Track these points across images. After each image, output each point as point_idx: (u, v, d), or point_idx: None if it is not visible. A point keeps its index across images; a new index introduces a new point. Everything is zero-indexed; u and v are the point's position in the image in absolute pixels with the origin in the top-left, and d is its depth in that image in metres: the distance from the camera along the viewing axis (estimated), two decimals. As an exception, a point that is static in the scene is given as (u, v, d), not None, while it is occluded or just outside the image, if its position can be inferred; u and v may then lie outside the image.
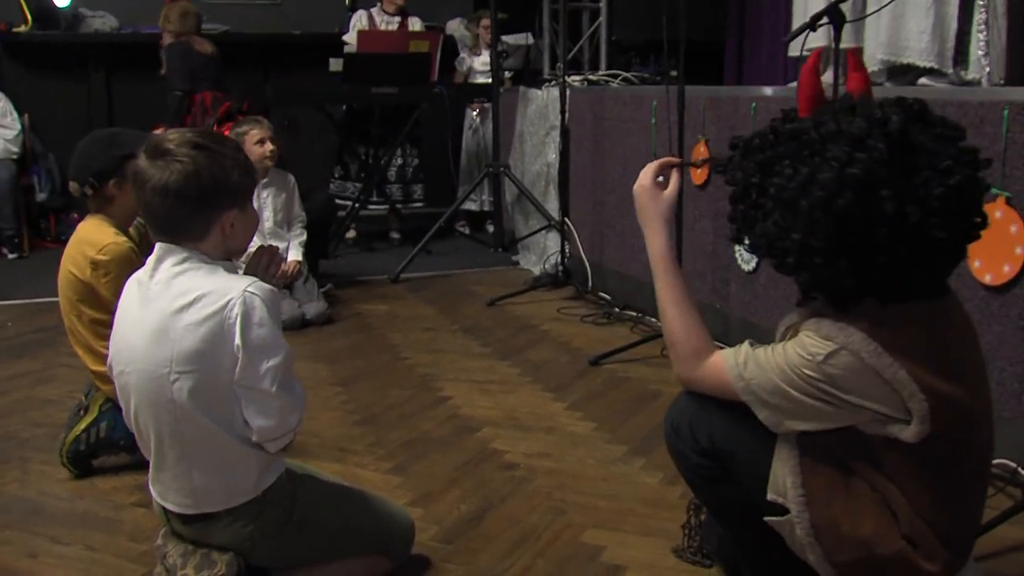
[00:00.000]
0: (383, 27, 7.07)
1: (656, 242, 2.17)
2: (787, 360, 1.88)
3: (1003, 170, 3.05)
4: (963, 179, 1.75)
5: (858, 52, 2.21)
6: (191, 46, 6.65)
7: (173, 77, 6.62)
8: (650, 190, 2.19)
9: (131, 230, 3.16)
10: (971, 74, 4.20)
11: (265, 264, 2.21)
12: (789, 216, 1.81)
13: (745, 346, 2.01)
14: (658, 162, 2.23)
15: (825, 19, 3.22)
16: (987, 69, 4.09)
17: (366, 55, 6.48)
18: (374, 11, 7.19)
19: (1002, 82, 4.05)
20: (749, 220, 1.93)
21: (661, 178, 2.22)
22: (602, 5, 6.67)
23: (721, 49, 7.81)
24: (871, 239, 1.76)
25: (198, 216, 2.05)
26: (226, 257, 2.14)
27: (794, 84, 5.24)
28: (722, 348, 2.09)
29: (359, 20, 7.15)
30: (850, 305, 1.86)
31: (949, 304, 1.91)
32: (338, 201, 7.00)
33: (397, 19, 7.16)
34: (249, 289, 2.04)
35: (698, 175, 4.45)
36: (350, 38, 7.08)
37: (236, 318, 2.01)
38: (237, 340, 2.01)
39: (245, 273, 2.16)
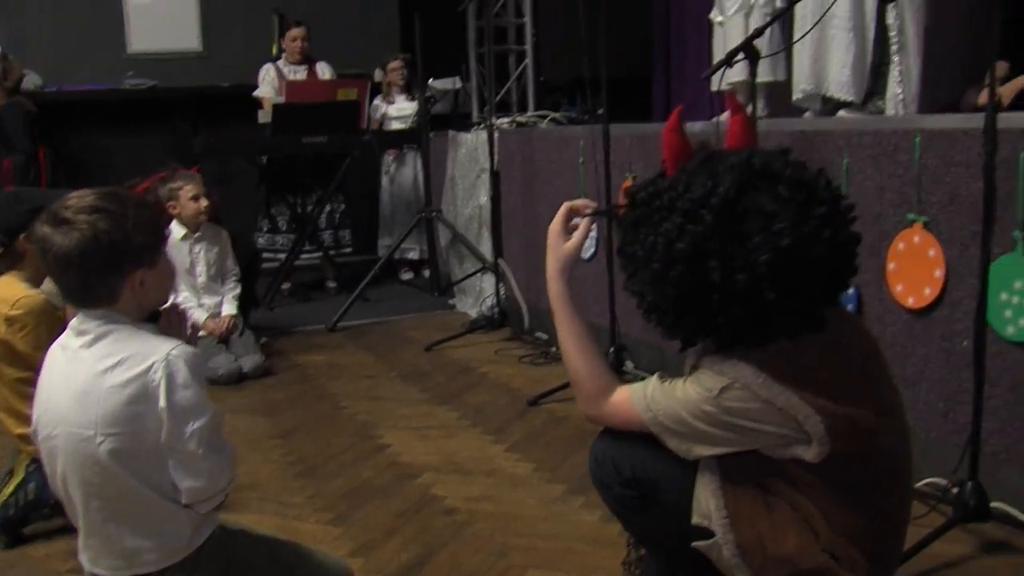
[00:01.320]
0: (291, 77, 7.08)
1: (554, 287, 2.24)
2: (686, 395, 1.96)
3: (918, 195, 3.15)
4: (797, 240, 1.80)
5: (735, 94, 2.29)
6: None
7: None
8: (558, 235, 2.26)
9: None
10: (888, 106, 4.33)
11: (176, 325, 2.21)
12: (641, 280, 1.95)
13: (653, 380, 2.08)
14: (565, 208, 2.30)
15: (742, 55, 3.33)
16: (901, 97, 4.21)
17: (294, 105, 6.50)
18: (280, 63, 7.22)
19: (915, 111, 4.17)
20: (627, 274, 2.04)
21: (576, 220, 2.28)
22: (528, 47, 6.77)
23: (649, 85, 7.95)
24: (707, 304, 1.86)
25: (103, 281, 2.03)
26: (143, 314, 2.14)
27: (720, 119, 5.36)
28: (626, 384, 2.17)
29: (267, 74, 7.19)
30: (731, 346, 1.94)
31: (836, 332, 1.96)
32: (268, 254, 7.04)
33: (304, 67, 7.20)
34: (172, 352, 2.03)
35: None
36: (261, 92, 7.15)
37: (160, 381, 2.00)
38: (161, 403, 1.99)
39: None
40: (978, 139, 2.77)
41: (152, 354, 2.02)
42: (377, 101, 7.62)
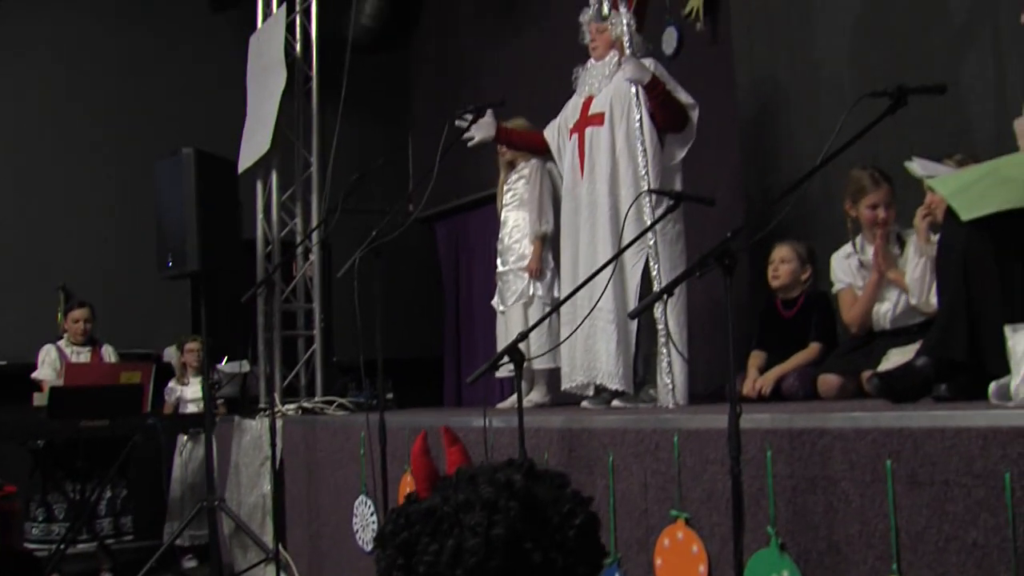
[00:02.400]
0: (74, 359, 6.98)
1: None
2: None
3: (679, 492, 3.27)
4: (585, 518, 1.90)
5: (451, 430, 2.42)
6: None
7: None
8: None
9: None
10: (659, 395, 4.55)
11: None
12: None
13: None
14: None
15: (506, 359, 3.46)
16: (669, 387, 4.43)
17: (73, 388, 6.34)
18: (61, 343, 7.11)
19: (683, 403, 4.40)
20: None
21: None
22: (316, 332, 6.92)
23: (442, 366, 8.10)
24: None
25: None
26: None
27: (503, 404, 5.51)
28: None
29: (47, 355, 7.05)
30: None
31: None
32: (42, 546, 6.65)
33: (87, 349, 7.12)
34: None
35: None
36: (40, 375, 6.98)
37: None
38: None
39: None
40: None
41: None
42: (172, 383, 7.53)
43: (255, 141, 7.05)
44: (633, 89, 4.61)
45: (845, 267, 4.63)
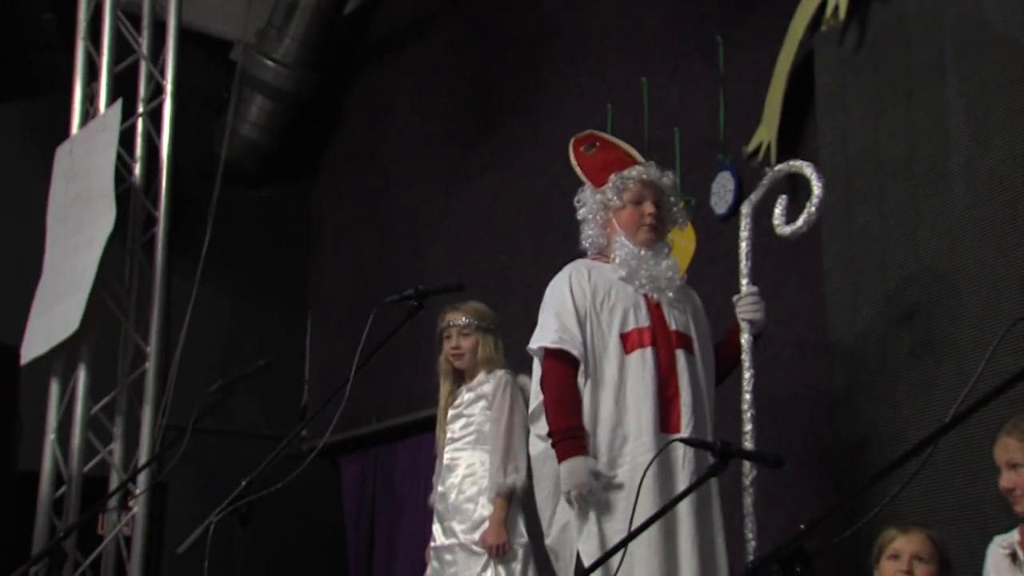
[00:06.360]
0: None
1: None
2: None
3: None
4: None
5: None
6: None
7: None
8: None
9: None
10: None
11: None
12: None
13: None
14: None
15: None
16: None
17: None
18: None
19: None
20: None
21: None
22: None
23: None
24: None
25: None
26: None
27: None
28: None
29: None
30: None
31: None
32: None
33: None
34: None
35: None
36: None
37: None
38: None
39: None
40: None
41: None
42: None
43: (54, 316, 6.37)
44: (746, 336, 4.59)
45: (1004, 567, 3.98)
